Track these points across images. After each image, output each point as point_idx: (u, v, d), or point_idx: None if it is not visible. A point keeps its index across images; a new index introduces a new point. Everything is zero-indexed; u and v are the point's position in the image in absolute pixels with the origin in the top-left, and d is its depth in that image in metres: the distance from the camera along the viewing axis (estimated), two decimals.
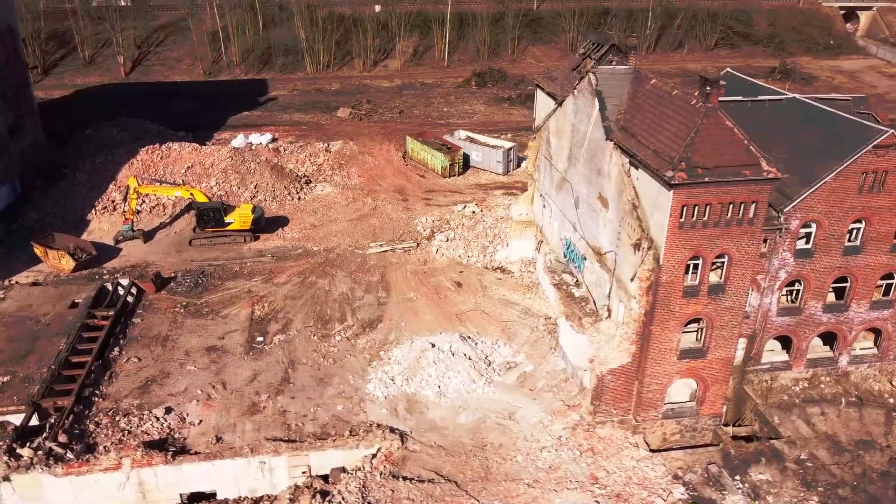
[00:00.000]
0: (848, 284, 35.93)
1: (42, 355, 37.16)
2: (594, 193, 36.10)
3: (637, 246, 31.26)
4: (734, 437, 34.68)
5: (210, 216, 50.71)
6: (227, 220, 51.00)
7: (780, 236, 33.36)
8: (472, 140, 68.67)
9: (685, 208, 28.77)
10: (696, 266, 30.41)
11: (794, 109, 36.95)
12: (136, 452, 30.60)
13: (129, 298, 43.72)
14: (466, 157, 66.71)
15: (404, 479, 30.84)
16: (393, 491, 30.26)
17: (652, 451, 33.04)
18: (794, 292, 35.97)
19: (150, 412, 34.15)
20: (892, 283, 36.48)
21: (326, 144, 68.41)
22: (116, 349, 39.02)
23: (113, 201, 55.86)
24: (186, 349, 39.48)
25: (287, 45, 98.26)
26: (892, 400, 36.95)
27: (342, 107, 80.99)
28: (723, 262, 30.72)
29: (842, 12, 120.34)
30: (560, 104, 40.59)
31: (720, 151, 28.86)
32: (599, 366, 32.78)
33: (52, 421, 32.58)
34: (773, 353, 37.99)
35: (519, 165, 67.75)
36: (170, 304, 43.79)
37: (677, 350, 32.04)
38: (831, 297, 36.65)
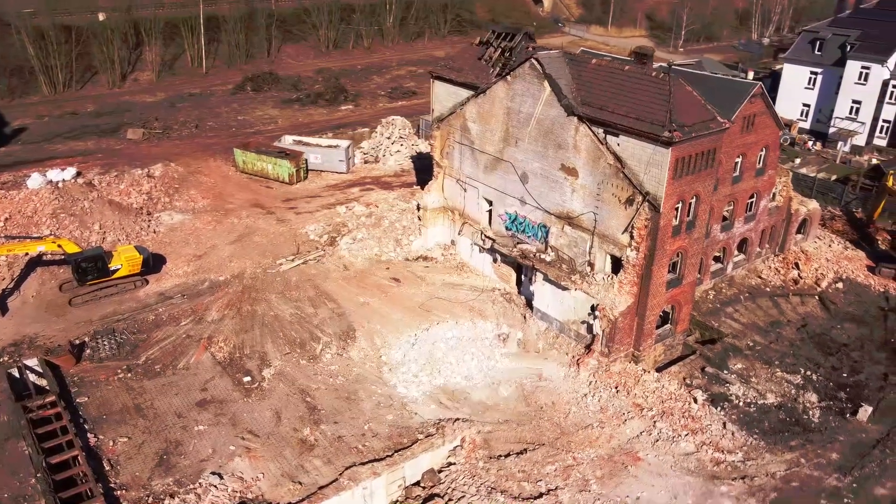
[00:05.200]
0: (732, 207, 45.75)
1: (9, 468, 29.57)
2: (553, 166, 40.23)
3: (630, 201, 36.42)
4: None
5: (92, 267, 43.25)
6: (111, 267, 44.00)
7: None
8: (303, 143, 67.41)
9: (678, 161, 34.61)
10: (676, 209, 36.62)
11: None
12: None
13: (43, 380, 36.13)
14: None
15: (500, 457, 32.26)
16: (500, 469, 31.55)
17: (657, 371, 38.97)
18: None
19: (201, 484, 29.88)
20: (752, 202, 47.32)
21: (146, 170, 61.30)
22: (91, 436, 32.53)
23: None
24: (175, 411, 34.52)
25: (10, 64, 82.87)
26: (767, 289, 48.17)
27: (129, 128, 72.17)
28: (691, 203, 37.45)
29: None
30: (482, 91, 43.62)
31: (690, 111, 35.22)
32: (610, 311, 37.48)
33: None
34: None
35: (354, 163, 68.69)
36: (107, 372, 37.23)
37: (665, 283, 38.19)
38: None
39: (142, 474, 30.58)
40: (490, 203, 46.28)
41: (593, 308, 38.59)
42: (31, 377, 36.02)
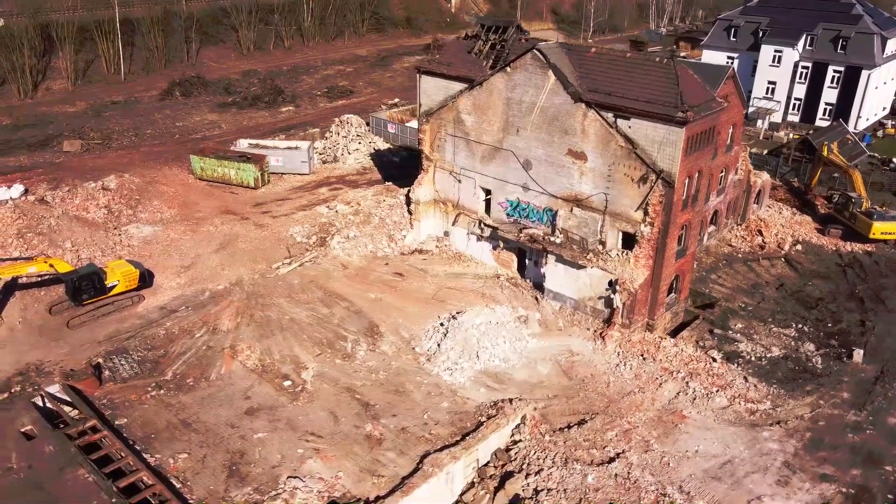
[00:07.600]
0: (707, 182, 49.32)
1: (78, 498, 27.89)
2: (559, 151, 42.01)
3: (643, 179, 38.82)
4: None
5: (89, 285, 40.87)
6: (108, 284, 41.73)
7: None
8: (260, 146, 65.80)
9: (689, 139, 37.31)
10: (683, 184, 39.38)
11: None
12: None
13: (68, 407, 34.15)
14: None
15: (562, 429, 33.75)
16: (566, 440, 33.03)
17: (671, 337, 41.72)
18: None
19: (284, 489, 29.44)
20: (722, 176, 51.29)
21: (100, 183, 57.93)
22: (147, 455, 31.11)
23: None
24: (226, 422, 33.58)
25: None
26: (739, 255, 52.38)
27: (65, 140, 67.67)
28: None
29: None
30: (478, 84, 44.73)
31: (694, 93, 38.05)
32: (630, 284, 39.80)
33: None
34: None
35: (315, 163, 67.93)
36: (137, 392, 35.52)
37: (675, 254, 40.95)
38: None
39: (217, 487, 29.71)
40: (488, 192, 47.52)
41: (611, 283, 40.75)
42: (59, 404, 33.89)
